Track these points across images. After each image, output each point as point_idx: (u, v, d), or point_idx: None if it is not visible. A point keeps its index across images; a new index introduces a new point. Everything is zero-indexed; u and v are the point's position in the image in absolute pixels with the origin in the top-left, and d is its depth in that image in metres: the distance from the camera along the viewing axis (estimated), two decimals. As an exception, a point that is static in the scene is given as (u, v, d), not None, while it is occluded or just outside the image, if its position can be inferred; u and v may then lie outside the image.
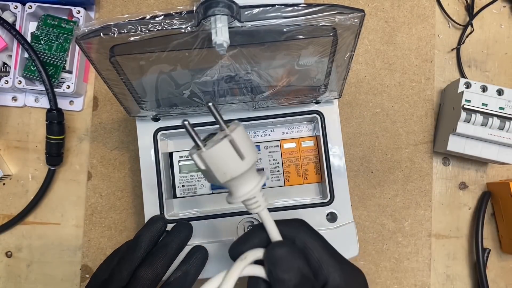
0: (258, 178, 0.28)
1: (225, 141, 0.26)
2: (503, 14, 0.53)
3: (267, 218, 0.28)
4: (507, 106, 0.45)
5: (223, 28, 0.27)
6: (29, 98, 0.51)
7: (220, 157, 0.26)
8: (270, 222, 0.28)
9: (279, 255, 0.26)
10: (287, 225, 0.29)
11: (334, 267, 0.27)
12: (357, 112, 0.51)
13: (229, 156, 0.26)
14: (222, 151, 0.26)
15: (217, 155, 0.26)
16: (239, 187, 0.28)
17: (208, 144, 0.27)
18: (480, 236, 0.49)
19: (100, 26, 0.28)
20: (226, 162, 0.26)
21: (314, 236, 0.28)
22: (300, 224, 0.29)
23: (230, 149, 0.26)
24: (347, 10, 0.28)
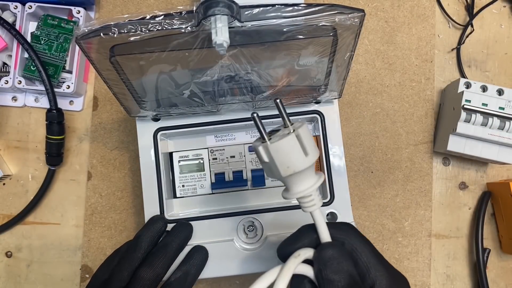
0: (317, 177, 0.29)
1: (292, 136, 0.27)
2: (503, 14, 0.53)
3: (319, 218, 0.29)
4: (507, 106, 0.45)
5: (223, 28, 0.27)
6: (29, 98, 0.51)
7: (286, 151, 0.27)
8: (322, 223, 0.29)
9: (330, 255, 0.27)
10: (337, 228, 0.29)
11: (381, 272, 0.27)
12: (357, 112, 0.51)
13: (294, 151, 0.27)
14: (288, 145, 0.27)
15: (283, 148, 0.27)
16: (298, 183, 0.28)
17: (273, 138, 0.28)
18: (480, 236, 0.49)
19: (100, 26, 0.28)
20: (290, 156, 0.27)
21: (363, 240, 0.29)
22: (349, 227, 0.29)
23: (296, 144, 0.27)
24: (347, 10, 0.28)
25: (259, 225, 0.41)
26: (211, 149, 0.44)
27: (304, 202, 0.29)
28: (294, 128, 0.28)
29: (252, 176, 0.43)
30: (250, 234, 0.42)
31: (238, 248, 0.41)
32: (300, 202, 0.29)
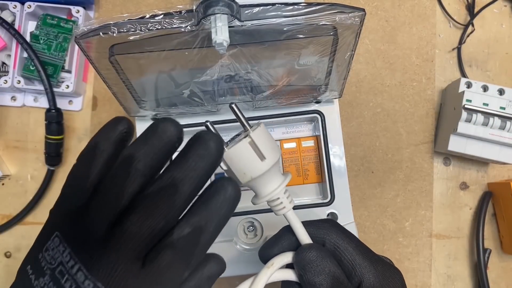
0: (282, 179, 0.28)
1: (244, 142, 0.26)
2: (504, 13, 0.53)
3: (293, 219, 0.28)
4: (508, 105, 0.44)
5: (223, 27, 0.27)
6: (28, 97, 0.51)
7: (240, 158, 0.26)
8: (297, 224, 0.28)
9: (309, 259, 0.26)
10: (316, 227, 0.28)
11: (367, 268, 0.26)
12: (358, 112, 0.51)
13: (248, 157, 0.26)
14: (241, 152, 0.26)
15: (236, 155, 0.26)
16: (262, 188, 0.28)
17: (229, 144, 0.27)
18: (481, 236, 0.48)
19: (100, 26, 0.27)
20: (245, 163, 0.26)
21: (345, 237, 0.27)
22: (330, 225, 0.28)
23: (249, 149, 0.26)
24: (348, 9, 0.28)
25: (259, 225, 0.41)
26: (211, 149, 0.43)
27: (273, 206, 0.28)
28: (247, 133, 0.27)
29: (252, 176, 0.43)
30: (250, 234, 0.41)
31: (238, 249, 0.41)
32: (270, 206, 0.28)
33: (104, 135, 0.23)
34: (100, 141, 0.22)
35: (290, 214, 0.28)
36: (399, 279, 0.27)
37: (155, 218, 0.21)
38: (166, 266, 0.21)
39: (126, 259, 0.20)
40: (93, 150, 0.22)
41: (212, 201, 0.22)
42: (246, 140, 0.26)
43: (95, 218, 0.21)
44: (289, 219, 0.28)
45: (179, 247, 0.21)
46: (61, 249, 0.20)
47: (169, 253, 0.21)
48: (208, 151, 0.22)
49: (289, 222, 0.28)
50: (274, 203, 0.28)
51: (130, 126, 0.23)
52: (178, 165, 0.22)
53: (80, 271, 0.20)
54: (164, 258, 0.21)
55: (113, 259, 0.20)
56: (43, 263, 0.21)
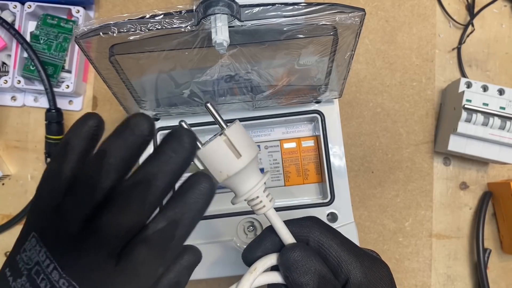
0: (260, 177, 0.28)
1: (218, 139, 0.26)
2: (504, 13, 0.53)
3: (275, 219, 0.27)
4: (508, 105, 0.44)
5: (223, 27, 0.27)
6: (28, 97, 0.51)
7: (214, 156, 0.26)
8: (279, 224, 0.27)
9: (293, 259, 0.26)
10: (299, 225, 0.27)
11: (353, 264, 0.26)
12: (358, 112, 0.51)
13: (223, 154, 0.26)
14: (215, 149, 0.26)
15: (211, 153, 0.26)
16: (239, 186, 0.27)
17: (205, 143, 0.27)
18: (481, 236, 0.48)
19: (100, 25, 0.28)
20: (220, 161, 0.26)
21: (328, 233, 0.27)
22: (312, 222, 0.28)
23: (224, 147, 0.26)
24: (348, 9, 0.28)
25: (259, 225, 0.41)
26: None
27: (252, 205, 0.28)
28: (222, 131, 0.27)
29: (252, 176, 0.43)
30: (250, 234, 0.41)
31: (238, 248, 0.41)
32: (250, 206, 0.28)
33: (74, 132, 0.23)
34: (71, 138, 0.22)
35: (270, 213, 0.27)
36: (387, 273, 0.27)
37: (128, 215, 0.21)
38: (140, 262, 0.21)
39: (100, 257, 0.20)
40: (64, 147, 0.22)
41: (187, 195, 0.22)
42: (220, 138, 0.26)
43: (68, 216, 0.21)
44: (270, 218, 0.27)
45: (154, 242, 0.21)
46: (38, 249, 0.20)
47: (143, 248, 0.21)
48: (181, 145, 0.21)
49: (270, 222, 0.28)
50: (253, 202, 0.28)
51: (100, 121, 0.23)
52: (151, 160, 0.22)
53: (55, 270, 0.20)
54: (139, 253, 0.21)
55: (87, 257, 0.20)
56: (20, 264, 0.21)
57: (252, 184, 0.27)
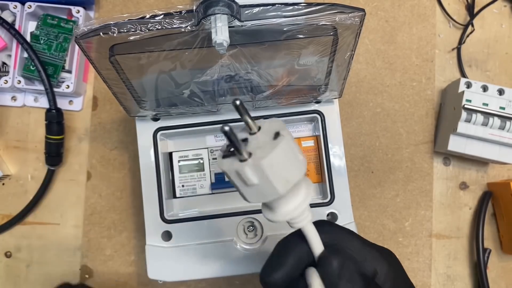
0: (306, 185, 0.25)
1: (284, 142, 0.22)
2: (504, 13, 0.53)
3: (312, 231, 0.25)
4: (507, 106, 0.44)
5: (223, 27, 0.27)
6: (28, 97, 0.51)
7: (282, 162, 0.22)
8: (316, 235, 0.25)
9: (338, 266, 0.25)
10: (322, 231, 0.26)
11: (376, 258, 0.27)
12: (358, 112, 0.51)
13: (290, 158, 0.23)
14: (284, 153, 0.22)
15: (278, 160, 0.22)
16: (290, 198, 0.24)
17: (255, 152, 0.23)
18: (481, 236, 0.48)
19: (100, 26, 0.27)
20: (288, 166, 0.23)
21: (348, 234, 0.27)
22: (333, 227, 0.27)
23: (289, 149, 0.23)
24: (348, 10, 0.28)
25: (259, 225, 0.41)
26: (211, 149, 0.44)
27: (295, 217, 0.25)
28: (275, 130, 0.23)
29: (252, 176, 0.43)
30: (250, 234, 0.41)
31: (238, 248, 0.41)
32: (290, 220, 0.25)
33: None
34: None
35: (310, 226, 0.25)
36: (396, 258, 0.29)
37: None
38: None
39: None
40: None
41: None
42: (284, 139, 0.22)
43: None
44: (308, 231, 0.25)
45: None
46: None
47: None
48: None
49: (307, 234, 0.25)
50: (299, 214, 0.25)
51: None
52: None
53: None
54: None
55: None
56: None
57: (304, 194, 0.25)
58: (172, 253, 0.41)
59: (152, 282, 0.41)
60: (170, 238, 0.41)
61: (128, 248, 0.49)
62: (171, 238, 0.41)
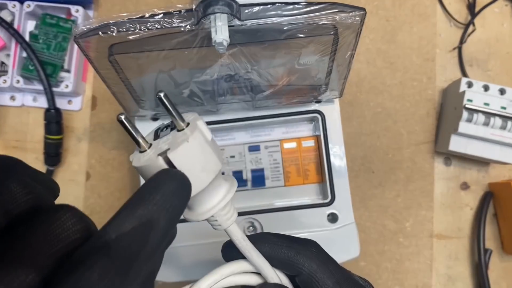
0: (220, 195, 0.23)
1: (157, 163, 0.20)
2: (505, 13, 0.53)
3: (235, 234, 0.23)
4: (509, 105, 0.44)
5: (223, 27, 0.27)
6: (27, 97, 0.50)
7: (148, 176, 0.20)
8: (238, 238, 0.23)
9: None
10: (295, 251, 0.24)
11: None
12: (358, 112, 0.51)
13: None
14: (153, 173, 0.19)
15: (148, 175, 0.20)
16: (194, 205, 0.23)
17: (151, 148, 0.21)
18: (482, 236, 0.48)
19: (99, 25, 0.27)
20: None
21: (326, 270, 0.23)
22: (312, 253, 0.24)
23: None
24: (348, 9, 0.28)
25: (259, 226, 0.41)
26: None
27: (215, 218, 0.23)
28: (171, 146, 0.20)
29: (252, 176, 0.43)
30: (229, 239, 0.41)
31: (238, 249, 0.41)
32: (208, 221, 0.24)
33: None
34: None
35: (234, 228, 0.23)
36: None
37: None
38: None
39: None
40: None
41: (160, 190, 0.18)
42: (160, 161, 0.20)
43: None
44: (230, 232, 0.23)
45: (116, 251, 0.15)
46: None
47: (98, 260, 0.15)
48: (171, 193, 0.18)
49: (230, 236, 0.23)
50: (210, 220, 0.23)
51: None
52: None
53: None
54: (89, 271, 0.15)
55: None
56: None
57: (208, 206, 0.23)
58: (170, 253, 0.41)
59: (152, 282, 0.41)
60: (169, 239, 0.41)
61: (127, 249, 0.49)
62: (170, 238, 0.41)
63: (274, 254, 0.24)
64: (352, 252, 0.40)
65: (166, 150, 0.20)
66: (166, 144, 0.21)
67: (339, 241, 0.40)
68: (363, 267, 0.49)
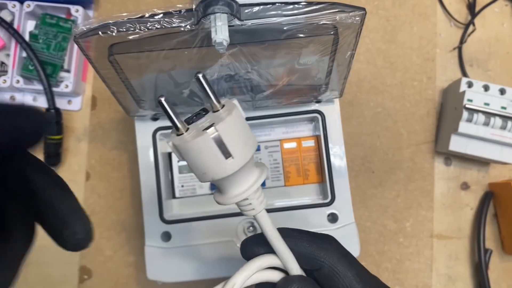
0: (254, 177, 0.23)
1: (205, 136, 0.21)
2: (505, 12, 0.53)
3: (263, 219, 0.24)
4: (509, 105, 0.44)
5: (223, 27, 0.27)
6: (27, 97, 0.50)
7: (199, 154, 0.21)
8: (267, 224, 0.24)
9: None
10: (317, 246, 0.25)
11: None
12: (358, 112, 0.51)
13: (210, 155, 0.21)
14: (201, 148, 0.21)
15: (194, 151, 0.21)
16: (227, 189, 0.23)
17: (190, 130, 0.22)
18: (482, 236, 0.48)
19: (99, 25, 0.27)
20: (205, 162, 0.21)
21: (346, 262, 0.25)
22: (332, 247, 0.25)
23: (212, 146, 0.21)
24: (348, 9, 0.28)
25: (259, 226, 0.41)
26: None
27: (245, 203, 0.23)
28: (214, 122, 0.21)
29: (252, 176, 0.43)
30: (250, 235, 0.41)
31: (238, 249, 0.41)
32: (239, 206, 0.24)
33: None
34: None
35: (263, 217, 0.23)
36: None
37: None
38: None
39: None
40: None
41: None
42: (209, 133, 0.20)
43: None
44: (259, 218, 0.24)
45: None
46: None
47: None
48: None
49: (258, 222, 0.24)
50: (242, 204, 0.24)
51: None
52: None
53: None
54: None
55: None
56: None
57: (245, 186, 0.23)
58: (171, 254, 0.41)
59: (152, 283, 0.41)
60: (169, 239, 0.41)
61: (127, 249, 0.49)
62: (170, 238, 0.41)
63: (297, 248, 0.24)
64: (352, 252, 0.39)
65: (210, 125, 0.21)
66: (207, 123, 0.21)
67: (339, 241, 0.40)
68: (363, 267, 0.49)
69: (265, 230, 0.24)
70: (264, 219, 0.24)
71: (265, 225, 0.24)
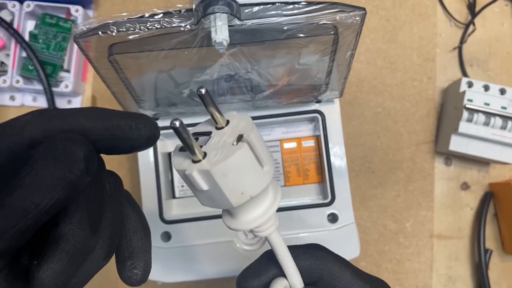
0: (273, 190, 0.22)
1: (244, 148, 0.19)
2: (505, 12, 0.53)
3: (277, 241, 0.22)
4: (509, 105, 0.44)
5: (223, 27, 0.27)
6: (27, 97, 0.50)
7: (240, 170, 0.19)
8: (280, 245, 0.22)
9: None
10: (313, 258, 0.24)
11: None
12: (358, 112, 0.51)
13: (249, 168, 0.19)
14: (243, 161, 0.18)
15: (236, 167, 0.18)
16: (250, 208, 0.21)
17: (210, 154, 0.19)
18: (482, 236, 0.48)
19: (99, 25, 0.27)
20: (246, 177, 0.19)
21: (341, 265, 0.25)
22: (325, 253, 0.25)
23: (250, 156, 0.19)
24: (348, 8, 0.28)
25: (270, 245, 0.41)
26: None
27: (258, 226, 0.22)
28: (239, 132, 0.19)
29: (252, 176, 0.43)
30: (250, 235, 0.41)
31: (238, 249, 0.41)
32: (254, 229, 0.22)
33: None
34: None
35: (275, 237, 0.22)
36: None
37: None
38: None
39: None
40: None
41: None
42: (246, 144, 0.19)
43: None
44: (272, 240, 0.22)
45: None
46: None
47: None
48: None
49: (271, 244, 0.22)
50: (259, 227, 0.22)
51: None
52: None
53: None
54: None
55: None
56: None
57: (267, 204, 0.21)
58: (171, 254, 0.41)
59: (151, 283, 0.41)
60: (169, 239, 0.41)
61: (127, 249, 0.49)
62: (170, 238, 0.41)
63: (299, 265, 0.24)
64: (352, 252, 0.40)
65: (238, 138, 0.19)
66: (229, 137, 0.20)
67: (339, 241, 0.40)
68: (363, 267, 0.49)
69: (277, 250, 0.22)
70: (277, 240, 0.22)
71: (278, 246, 0.22)
